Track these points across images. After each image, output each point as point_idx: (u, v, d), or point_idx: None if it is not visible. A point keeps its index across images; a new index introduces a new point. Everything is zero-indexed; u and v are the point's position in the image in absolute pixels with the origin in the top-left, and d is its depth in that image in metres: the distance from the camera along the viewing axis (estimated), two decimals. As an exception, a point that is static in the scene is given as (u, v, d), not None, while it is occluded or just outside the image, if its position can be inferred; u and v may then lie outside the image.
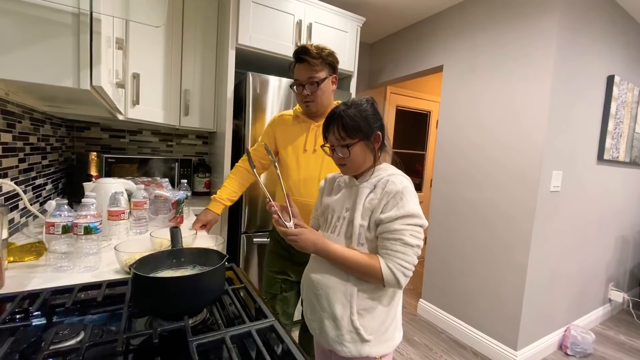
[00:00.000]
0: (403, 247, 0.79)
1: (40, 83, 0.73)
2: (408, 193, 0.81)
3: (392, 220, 0.79)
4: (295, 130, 1.30)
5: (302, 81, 1.22)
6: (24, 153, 1.24)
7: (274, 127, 1.36)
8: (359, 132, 0.84)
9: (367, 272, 0.81)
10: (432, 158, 3.66)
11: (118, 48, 1.08)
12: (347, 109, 0.85)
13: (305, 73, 1.20)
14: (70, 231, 0.86)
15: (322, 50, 1.20)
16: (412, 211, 0.79)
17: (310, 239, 0.83)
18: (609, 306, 2.65)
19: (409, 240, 0.79)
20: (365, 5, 2.37)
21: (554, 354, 2.09)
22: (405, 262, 0.79)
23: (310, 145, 1.27)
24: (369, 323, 0.84)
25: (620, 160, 2.33)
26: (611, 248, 2.55)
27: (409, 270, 0.80)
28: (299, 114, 1.30)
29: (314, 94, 1.21)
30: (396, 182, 0.82)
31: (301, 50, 1.20)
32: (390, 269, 0.79)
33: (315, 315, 0.89)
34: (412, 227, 0.80)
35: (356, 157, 0.86)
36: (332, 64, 1.23)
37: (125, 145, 2.19)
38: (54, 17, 0.72)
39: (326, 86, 1.23)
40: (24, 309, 0.64)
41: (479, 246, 2.10)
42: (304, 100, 1.24)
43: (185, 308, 0.61)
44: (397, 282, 0.79)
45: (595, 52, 2.00)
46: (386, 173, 0.86)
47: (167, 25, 1.85)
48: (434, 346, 2.12)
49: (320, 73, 1.20)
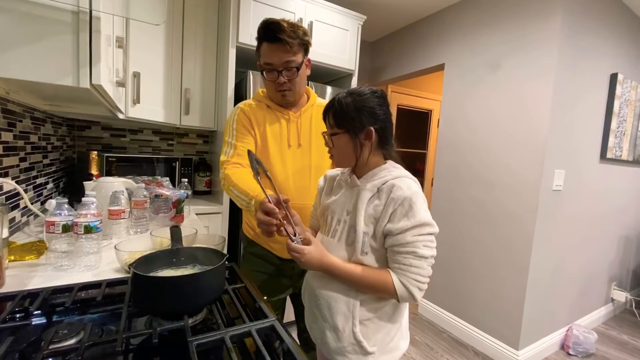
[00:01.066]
0: (416, 260, 0.73)
1: (40, 81, 0.73)
2: (417, 199, 0.74)
3: (403, 231, 0.73)
4: (271, 122, 1.10)
5: (276, 66, 1.02)
6: (24, 152, 1.24)
7: (250, 120, 1.10)
8: (346, 123, 0.78)
9: (379, 289, 0.76)
10: (433, 157, 3.65)
11: (118, 46, 1.07)
12: (346, 96, 0.79)
13: (282, 56, 1.00)
14: (70, 230, 0.86)
15: (296, 28, 1.00)
16: (423, 220, 0.73)
17: (315, 257, 0.78)
18: (611, 306, 2.64)
19: (423, 252, 0.73)
20: (366, 3, 2.36)
21: (556, 354, 2.08)
22: (419, 275, 0.74)
23: (294, 140, 1.10)
24: (372, 334, 0.80)
25: (623, 159, 2.32)
26: (614, 247, 2.54)
27: (424, 283, 0.75)
28: (270, 104, 1.11)
29: (292, 82, 1.04)
30: (403, 187, 0.75)
31: (273, 26, 0.98)
32: (403, 285, 0.74)
33: (317, 325, 0.86)
34: (425, 237, 0.74)
35: (340, 149, 0.81)
36: (307, 44, 1.05)
37: (126, 144, 2.19)
38: (53, 16, 0.72)
39: (303, 71, 1.06)
40: (24, 308, 0.64)
41: (481, 245, 2.10)
42: (279, 89, 1.05)
43: (185, 308, 0.61)
44: (412, 297, 0.74)
45: (598, 50, 1.98)
46: (391, 175, 0.79)
47: (167, 23, 1.85)
48: (435, 345, 2.11)
49: (297, 56, 1.02)
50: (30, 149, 1.29)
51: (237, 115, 1.12)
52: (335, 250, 0.83)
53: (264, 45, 1.02)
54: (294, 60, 1.01)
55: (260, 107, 1.12)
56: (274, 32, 0.98)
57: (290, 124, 1.10)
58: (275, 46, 0.99)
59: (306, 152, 1.09)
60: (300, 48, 1.02)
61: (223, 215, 1.94)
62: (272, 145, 1.09)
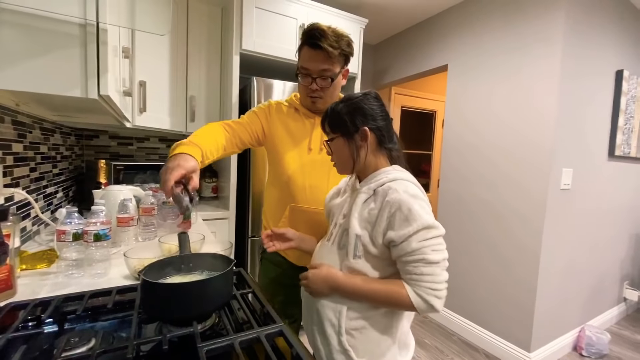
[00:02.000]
0: (428, 267, 0.69)
1: (50, 93, 0.75)
2: (416, 202, 0.70)
3: (406, 238, 0.69)
4: (296, 124, 1.09)
5: (312, 72, 1.00)
6: (34, 162, 1.26)
7: (268, 115, 1.12)
8: (339, 126, 0.79)
9: (394, 303, 0.72)
10: (438, 158, 3.63)
11: (124, 57, 1.09)
12: (338, 103, 0.80)
13: (319, 64, 0.98)
14: (80, 238, 0.87)
15: (340, 37, 0.98)
16: (425, 222, 0.69)
17: (320, 277, 0.76)
18: (624, 305, 2.59)
19: (432, 258, 0.69)
20: (367, 6, 2.37)
21: (569, 355, 2.04)
22: (434, 283, 0.69)
23: (315, 144, 1.07)
24: (361, 345, 0.76)
25: (632, 156, 2.28)
26: (625, 246, 2.49)
27: (441, 290, 0.70)
28: (298, 107, 1.10)
29: (324, 90, 1.02)
30: (399, 190, 0.71)
31: (317, 32, 0.96)
32: (419, 296, 0.69)
33: (309, 328, 0.85)
34: (431, 240, 0.70)
35: (338, 153, 0.81)
36: (349, 55, 1.03)
37: (133, 152, 2.22)
38: (61, 29, 0.73)
39: (338, 82, 1.04)
40: (36, 316, 0.65)
41: (489, 246, 2.08)
42: (310, 95, 1.04)
43: (194, 314, 0.61)
44: (431, 307, 0.69)
45: (603, 46, 1.97)
46: (388, 177, 0.75)
47: (172, 32, 1.88)
48: (445, 349, 2.09)
49: (335, 66, 0.99)
50: (40, 159, 1.32)
51: (262, 104, 1.15)
52: (329, 254, 0.81)
53: (304, 48, 1.01)
54: (331, 70, 0.99)
55: (289, 108, 1.12)
56: (316, 38, 0.96)
57: (315, 128, 1.07)
58: (315, 52, 0.97)
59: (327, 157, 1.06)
60: (340, 58, 1.00)
61: (230, 220, 1.95)
62: (291, 148, 1.07)
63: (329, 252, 0.82)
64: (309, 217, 1.02)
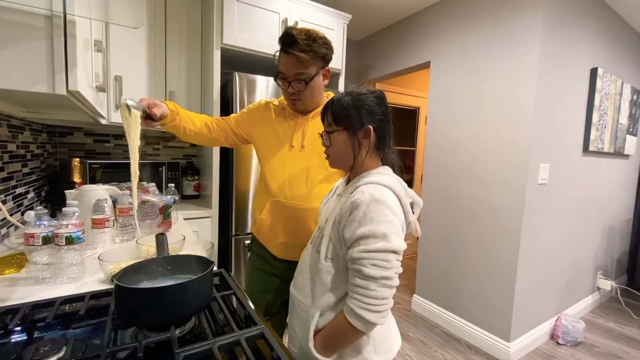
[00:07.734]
0: (362, 280, 0.65)
1: (12, 89, 0.70)
2: (376, 206, 0.66)
3: (352, 244, 0.68)
4: (281, 123, 1.13)
5: (287, 76, 1.02)
6: (2, 161, 1.20)
7: (257, 114, 1.18)
8: (344, 120, 0.76)
9: (342, 330, 0.69)
10: (422, 153, 3.68)
11: (97, 50, 1.04)
12: (344, 95, 0.78)
13: (292, 68, 1.00)
14: (51, 242, 0.83)
15: (313, 40, 0.98)
16: (375, 230, 0.64)
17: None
18: (597, 294, 2.70)
19: (369, 272, 0.64)
20: (351, 2, 2.36)
21: (546, 344, 2.12)
22: (366, 297, 0.64)
23: (297, 141, 1.09)
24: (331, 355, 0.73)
25: (605, 151, 2.37)
26: (599, 237, 2.60)
27: (377, 305, 0.64)
28: (285, 107, 1.14)
29: (300, 93, 1.04)
30: (365, 192, 0.68)
31: (288, 38, 0.97)
32: (351, 309, 0.66)
33: (290, 324, 0.85)
34: (375, 254, 0.65)
35: (337, 147, 0.79)
36: (325, 56, 1.03)
37: (110, 150, 2.14)
38: (25, 20, 0.69)
39: (316, 83, 1.05)
40: (3, 324, 0.61)
41: (470, 240, 2.12)
42: (289, 97, 1.07)
43: (171, 319, 0.59)
44: (363, 320, 0.65)
45: (579, 45, 2.02)
46: (367, 179, 0.74)
47: (149, 25, 1.81)
48: (429, 341, 2.13)
49: (310, 69, 1.01)
50: (7, 158, 1.25)
51: (253, 104, 1.24)
52: (307, 257, 0.82)
53: (280, 53, 1.04)
54: (305, 73, 1.01)
55: (277, 107, 1.16)
56: (287, 44, 0.98)
57: (298, 126, 1.10)
58: (289, 57, 1.00)
59: (308, 154, 1.08)
60: (315, 60, 1.01)
61: (213, 219, 1.91)
62: (275, 145, 1.12)
63: (308, 256, 0.82)
64: (289, 212, 1.06)
